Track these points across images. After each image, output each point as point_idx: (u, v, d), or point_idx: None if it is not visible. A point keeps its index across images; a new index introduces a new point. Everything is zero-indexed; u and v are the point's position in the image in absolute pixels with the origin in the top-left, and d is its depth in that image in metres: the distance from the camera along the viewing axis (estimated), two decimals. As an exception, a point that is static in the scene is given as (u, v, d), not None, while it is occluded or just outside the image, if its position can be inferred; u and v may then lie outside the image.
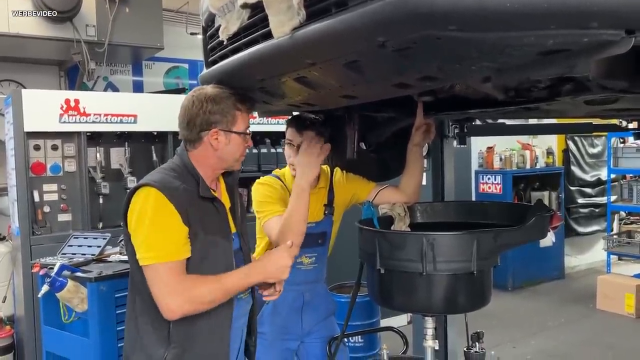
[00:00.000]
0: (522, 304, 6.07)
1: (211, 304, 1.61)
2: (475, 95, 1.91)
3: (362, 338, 3.88)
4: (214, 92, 1.69)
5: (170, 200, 1.58)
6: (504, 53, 1.04)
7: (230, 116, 1.68)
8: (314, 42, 1.21)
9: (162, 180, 1.62)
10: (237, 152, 1.73)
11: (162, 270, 1.56)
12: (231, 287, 1.63)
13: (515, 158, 6.77)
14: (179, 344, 1.63)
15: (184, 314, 1.58)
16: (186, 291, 1.57)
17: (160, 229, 1.57)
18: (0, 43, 5.10)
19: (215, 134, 1.68)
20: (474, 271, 1.67)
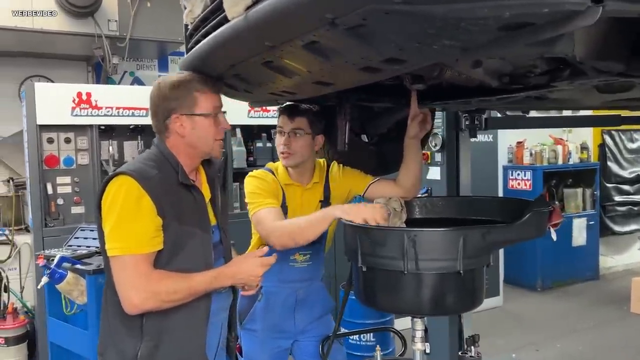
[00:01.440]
0: (551, 305, 5.83)
1: (175, 303, 1.56)
2: (469, 83, 1.80)
3: (373, 337, 3.79)
4: (175, 78, 1.65)
5: (146, 189, 1.53)
6: (461, 29, 0.94)
7: (189, 99, 1.63)
8: (267, 21, 1.13)
9: (138, 169, 1.59)
10: (207, 135, 1.66)
11: (128, 262, 1.52)
12: (198, 287, 1.58)
13: (547, 153, 6.50)
14: (152, 338, 1.59)
15: (146, 309, 1.54)
16: (151, 286, 1.53)
17: (130, 219, 1.53)
18: (27, 39, 5.21)
19: (177, 119, 1.63)
20: (460, 271, 1.55)
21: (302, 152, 2.17)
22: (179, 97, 1.62)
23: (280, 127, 2.19)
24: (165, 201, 1.57)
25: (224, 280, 1.65)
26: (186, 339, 1.64)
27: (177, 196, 1.62)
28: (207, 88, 1.65)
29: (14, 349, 3.50)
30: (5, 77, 5.67)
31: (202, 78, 1.65)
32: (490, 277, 5.66)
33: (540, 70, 1.56)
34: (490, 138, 5.71)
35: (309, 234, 1.92)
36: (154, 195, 1.55)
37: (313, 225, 1.92)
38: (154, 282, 1.53)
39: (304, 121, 2.15)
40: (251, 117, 4.29)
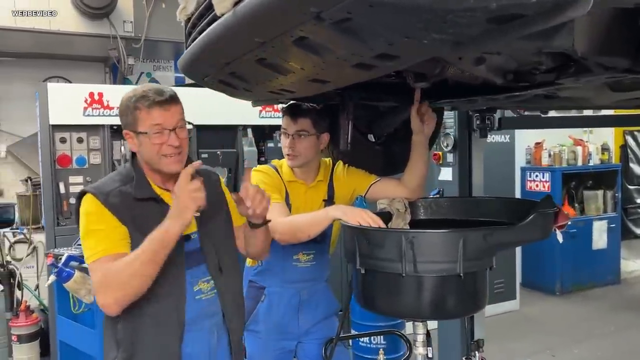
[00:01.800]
0: (569, 310, 5.70)
1: (135, 279, 1.52)
2: (473, 81, 1.75)
3: (384, 339, 3.74)
4: (126, 95, 1.68)
5: (105, 205, 1.59)
6: (449, 21, 0.90)
7: (131, 117, 1.64)
8: (255, 16, 1.10)
9: (99, 185, 1.67)
10: (151, 151, 1.63)
11: (96, 267, 1.56)
12: (141, 250, 1.52)
13: (566, 154, 6.36)
14: (126, 349, 1.62)
15: (121, 303, 1.54)
16: (105, 281, 1.53)
17: (94, 230, 1.58)
18: (45, 40, 5.29)
19: (127, 135, 1.67)
20: (461, 273, 1.50)
21: (307, 152, 2.15)
22: (125, 114, 1.65)
23: (284, 129, 2.17)
24: (126, 214, 1.60)
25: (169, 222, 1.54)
26: (157, 352, 1.64)
27: (140, 209, 1.64)
28: (145, 106, 1.61)
29: (26, 347, 3.53)
30: (25, 78, 5.77)
31: (143, 94, 1.62)
32: (506, 280, 5.56)
33: (546, 67, 1.51)
34: (507, 139, 5.61)
35: (310, 231, 1.94)
36: (114, 209, 1.59)
37: (314, 223, 1.93)
38: (110, 272, 1.53)
39: (308, 122, 2.12)
40: (262, 117, 4.28)
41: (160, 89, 1.67)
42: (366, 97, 2.04)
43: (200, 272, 1.72)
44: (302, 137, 2.13)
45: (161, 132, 1.62)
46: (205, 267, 1.73)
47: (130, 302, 1.55)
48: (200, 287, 1.72)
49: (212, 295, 1.75)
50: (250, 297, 2.24)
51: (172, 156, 1.64)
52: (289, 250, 2.15)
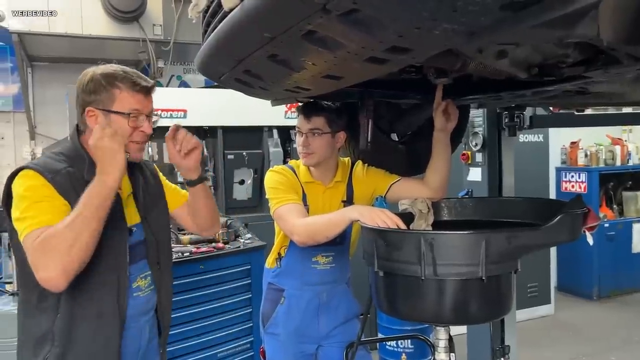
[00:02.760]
0: (607, 315, 5.49)
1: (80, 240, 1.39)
2: (497, 76, 1.68)
3: (411, 343, 3.66)
4: (99, 70, 1.59)
5: (51, 183, 1.48)
6: (458, 9, 0.85)
7: (106, 95, 1.55)
8: (262, 10, 1.08)
9: (43, 163, 1.53)
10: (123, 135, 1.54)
11: (28, 240, 1.41)
12: (81, 208, 1.42)
13: (603, 154, 6.14)
14: (60, 344, 1.52)
15: (68, 272, 1.39)
16: (46, 249, 1.39)
17: (34, 205, 1.45)
18: (78, 45, 5.42)
19: (90, 113, 1.55)
20: (483, 277, 1.44)
21: (321, 151, 2.11)
22: (97, 90, 1.55)
23: (298, 128, 2.14)
24: (72, 195, 1.48)
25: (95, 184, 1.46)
26: (95, 349, 1.56)
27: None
28: (129, 86, 1.57)
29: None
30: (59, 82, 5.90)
31: (127, 75, 1.58)
32: (540, 284, 5.40)
33: (573, 60, 1.43)
34: (540, 138, 5.45)
35: (328, 233, 1.90)
36: (61, 189, 1.49)
37: (331, 224, 1.88)
38: (50, 243, 1.39)
39: (321, 120, 2.09)
40: (288, 117, 4.26)
41: (140, 73, 1.64)
42: (387, 95, 1.99)
43: (139, 268, 1.67)
44: (315, 135, 2.10)
45: (137, 117, 1.59)
46: (145, 262, 1.70)
47: (77, 271, 1.42)
48: (139, 284, 1.68)
49: (149, 292, 1.71)
50: (269, 299, 2.22)
51: (139, 144, 1.63)
52: (307, 252, 2.11)
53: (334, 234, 1.90)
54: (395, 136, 2.40)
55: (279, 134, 4.32)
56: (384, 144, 2.26)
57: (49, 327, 1.52)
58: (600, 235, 5.86)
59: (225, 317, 3.20)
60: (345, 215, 1.85)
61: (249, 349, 3.35)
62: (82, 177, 1.54)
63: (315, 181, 2.17)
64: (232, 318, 3.25)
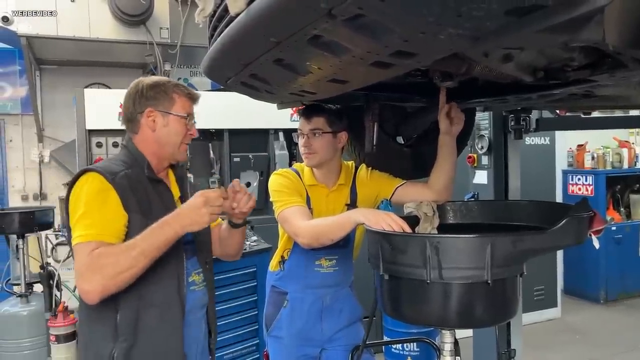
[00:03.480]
0: (615, 319, 5.46)
1: (130, 270, 1.48)
2: (502, 79, 1.69)
3: (417, 346, 3.66)
4: (152, 79, 1.76)
5: (112, 184, 1.57)
6: (463, 15, 0.85)
7: (167, 97, 1.71)
8: (268, 15, 1.09)
9: (105, 166, 1.65)
10: (177, 137, 1.71)
11: (82, 250, 1.49)
12: (145, 245, 1.50)
13: (610, 157, 6.12)
14: (127, 339, 1.57)
15: (106, 292, 1.48)
16: (96, 265, 1.47)
17: (94, 210, 1.54)
18: (85, 48, 5.45)
19: (150, 113, 1.69)
20: (489, 280, 1.44)
21: (323, 151, 2.12)
22: (157, 95, 1.70)
23: (299, 130, 2.16)
24: (131, 197, 1.59)
25: (169, 228, 1.54)
26: (162, 338, 1.62)
27: (145, 193, 1.65)
28: (184, 93, 1.75)
29: (64, 347, 3.61)
30: (67, 85, 5.94)
31: (180, 85, 1.77)
32: (546, 287, 5.38)
33: (578, 64, 1.43)
34: (547, 141, 5.44)
35: (333, 235, 1.91)
36: (120, 190, 1.58)
37: (336, 227, 1.89)
38: (98, 260, 1.47)
39: (321, 120, 2.11)
40: (294, 120, 4.27)
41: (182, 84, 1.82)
42: (392, 98, 1.99)
43: (193, 264, 1.75)
44: (316, 135, 2.12)
45: (191, 120, 1.76)
46: (196, 259, 1.77)
47: (114, 292, 1.50)
48: (194, 279, 1.75)
49: (203, 287, 1.79)
50: (272, 302, 2.22)
51: (186, 145, 1.77)
52: (310, 255, 2.12)
53: (339, 237, 1.90)
54: (401, 139, 2.40)
55: (285, 137, 4.34)
56: (389, 147, 2.26)
57: (111, 324, 1.57)
58: (608, 238, 5.83)
59: (230, 319, 3.21)
60: (350, 218, 1.85)
61: (255, 351, 3.35)
62: (139, 178, 1.65)
63: (319, 184, 2.17)
64: (238, 320, 3.26)
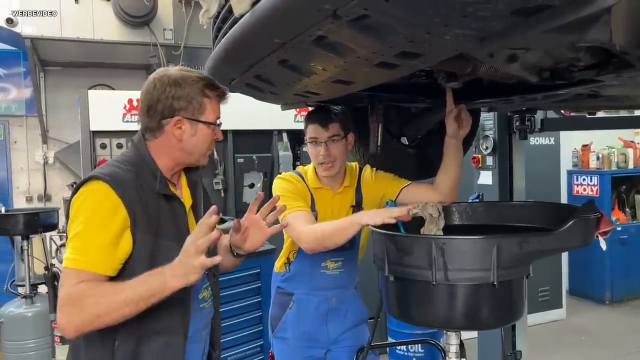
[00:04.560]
0: (620, 320, 5.43)
1: (110, 316, 1.31)
2: (508, 80, 1.68)
3: (422, 348, 3.64)
4: (179, 74, 1.50)
5: (121, 199, 1.38)
6: (470, 15, 0.85)
7: (197, 103, 1.49)
8: (272, 16, 1.08)
9: (113, 173, 1.42)
10: (204, 145, 1.54)
11: (68, 277, 1.34)
12: (132, 292, 1.31)
13: (615, 157, 6.10)
14: None
15: (81, 332, 1.32)
16: (76, 302, 1.31)
17: (92, 231, 1.36)
18: (89, 49, 5.46)
19: (179, 122, 1.48)
20: (495, 282, 1.43)
21: (341, 157, 2.11)
22: (186, 97, 1.48)
23: (314, 138, 2.10)
24: (140, 212, 1.40)
25: (158, 278, 1.33)
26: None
27: (155, 207, 1.45)
28: (214, 94, 1.54)
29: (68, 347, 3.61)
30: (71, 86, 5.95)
31: (210, 81, 1.54)
32: (551, 288, 5.36)
33: (584, 64, 1.42)
34: (551, 141, 5.42)
35: (337, 239, 1.89)
36: (129, 205, 1.38)
37: (341, 230, 1.88)
38: (77, 296, 1.31)
39: (337, 126, 2.08)
40: (297, 121, 4.27)
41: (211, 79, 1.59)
42: (396, 99, 1.98)
43: (202, 279, 1.50)
44: (334, 142, 2.09)
45: (220, 125, 1.57)
46: (206, 273, 1.51)
47: (90, 331, 1.34)
48: (203, 295, 1.61)
49: (210, 304, 1.64)
50: (278, 303, 2.22)
51: (209, 152, 1.60)
52: (316, 257, 2.11)
53: (343, 241, 1.89)
54: (405, 140, 2.39)
55: (289, 138, 4.34)
56: (394, 148, 2.25)
57: (107, 352, 1.40)
58: (613, 238, 5.81)
59: (234, 320, 3.21)
60: (354, 221, 1.85)
61: (259, 353, 3.35)
62: (149, 189, 1.46)
63: (323, 187, 2.16)
64: (242, 322, 3.26)
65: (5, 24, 4.76)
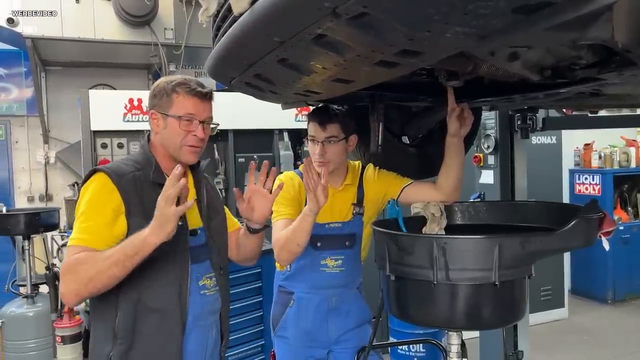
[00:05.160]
0: (623, 320, 5.42)
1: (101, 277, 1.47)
2: (509, 78, 1.67)
3: (423, 347, 3.64)
4: (165, 78, 1.73)
5: (117, 186, 1.56)
6: (470, 13, 0.84)
7: (166, 99, 1.67)
8: (271, 15, 1.07)
9: (113, 166, 1.64)
10: (175, 137, 1.66)
11: (69, 252, 1.53)
12: (119, 253, 1.48)
13: (617, 156, 6.08)
14: (125, 341, 1.56)
15: (80, 296, 1.51)
16: (72, 270, 1.49)
17: (91, 213, 1.55)
18: (90, 49, 5.46)
19: (153, 115, 1.69)
20: (496, 282, 1.42)
21: (337, 158, 2.11)
22: (159, 95, 1.68)
23: (312, 136, 2.11)
24: (135, 201, 1.58)
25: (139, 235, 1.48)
26: (158, 345, 1.60)
27: (150, 197, 1.58)
28: (187, 92, 1.67)
29: (69, 347, 3.62)
30: (73, 86, 5.95)
31: (186, 83, 1.69)
32: (553, 287, 5.35)
33: (586, 62, 1.41)
34: (553, 140, 5.40)
35: (297, 239, 1.93)
36: (124, 193, 1.57)
37: (296, 229, 1.93)
38: (73, 264, 1.49)
39: (336, 127, 2.07)
40: (298, 120, 4.26)
41: (200, 82, 1.74)
42: (397, 98, 1.98)
43: (204, 268, 1.73)
44: (332, 143, 2.09)
45: (191, 121, 1.67)
46: (209, 263, 1.75)
47: (90, 297, 1.54)
48: (205, 283, 1.73)
49: (215, 292, 1.76)
50: (279, 302, 2.21)
51: (193, 147, 1.69)
52: (316, 255, 2.11)
53: (303, 238, 1.93)
54: (406, 139, 2.38)
55: (290, 137, 4.33)
56: (395, 147, 2.25)
57: (110, 325, 1.57)
58: (615, 238, 5.79)
59: (236, 320, 3.20)
60: (304, 213, 1.91)
61: (260, 352, 3.35)
62: (147, 179, 1.63)
63: None
64: (243, 321, 3.26)
65: (6, 24, 4.76)
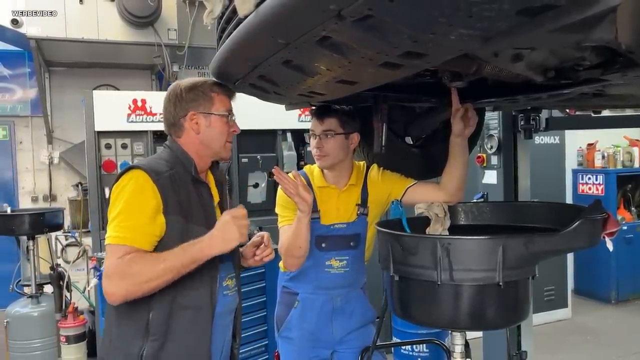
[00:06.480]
0: (626, 320, 5.41)
1: (154, 282, 1.50)
2: (513, 79, 1.67)
3: (427, 348, 3.64)
4: (189, 81, 1.75)
5: (155, 183, 1.57)
6: (474, 15, 0.84)
7: (207, 98, 1.70)
8: (276, 17, 1.08)
9: (150, 165, 1.64)
10: (221, 135, 1.72)
11: (113, 251, 1.52)
12: (174, 261, 1.51)
13: (621, 156, 6.07)
14: (158, 338, 1.57)
15: (128, 298, 1.51)
16: (124, 272, 1.50)
17: (132, 211, 1.54)
18: (94, 49, 5.48)
19: (193, 116, 1.69)
20: (500, 282, 1.42)
21: (335, 152, 2.12)
22: (196, 97, 1.70)
23: (312, 130, 2.15)
24: (172, 198, 1.59)
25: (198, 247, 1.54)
26: (191, 340, 1.63)
27: (187, 194, 1.64)
28: (222, 91, 1.74)
29: (74, 347, 3.63)
30: (76, 87, 5.98)
31: (217, 82, 1.75)
32: (557, 287, 5.34)
33: (590, 63, 1.41)
34: (556, 140, 5.40)
35: (298, 242, 2.02)
36: (163, 191, 1.58)
37: (294, 233, 2.00)
38: (126, 266, 1.50)
39: (334, 122, 2.10)
40: (302, 121, 4.27)
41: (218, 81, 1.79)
42: (401, 98, 1.98)
43: (227, 268, 1.76)
44: (329, 136, 2.11)
45: (232, 118, 1.76)
46: (230, 264, 1.79)
47: (135, 298, 1.53)
48: (227, 283, 1.77)
49: (234, 292, 1.81)
50: (283, 302, 2.22)
51: (230, 143, 1.77)
52: (321, 255, 2.12)
53: (305, 239, 2.01)
54: (410, 140, 2.39)
55: (293, 138, 4.33)
56: (398, 147, 2.25)
57: (144, 320, 1.58)
58: (618, 238, 5.72)
59: (239, 320, 3.21)
60: (298, 218, 1.99)
61: (264, 352, 3.35)
62: (183, 179, 1.65)
63: (329, 185, 2.17)
64: (247, 321, 3.26)
65: (10, 24, 4.78)
